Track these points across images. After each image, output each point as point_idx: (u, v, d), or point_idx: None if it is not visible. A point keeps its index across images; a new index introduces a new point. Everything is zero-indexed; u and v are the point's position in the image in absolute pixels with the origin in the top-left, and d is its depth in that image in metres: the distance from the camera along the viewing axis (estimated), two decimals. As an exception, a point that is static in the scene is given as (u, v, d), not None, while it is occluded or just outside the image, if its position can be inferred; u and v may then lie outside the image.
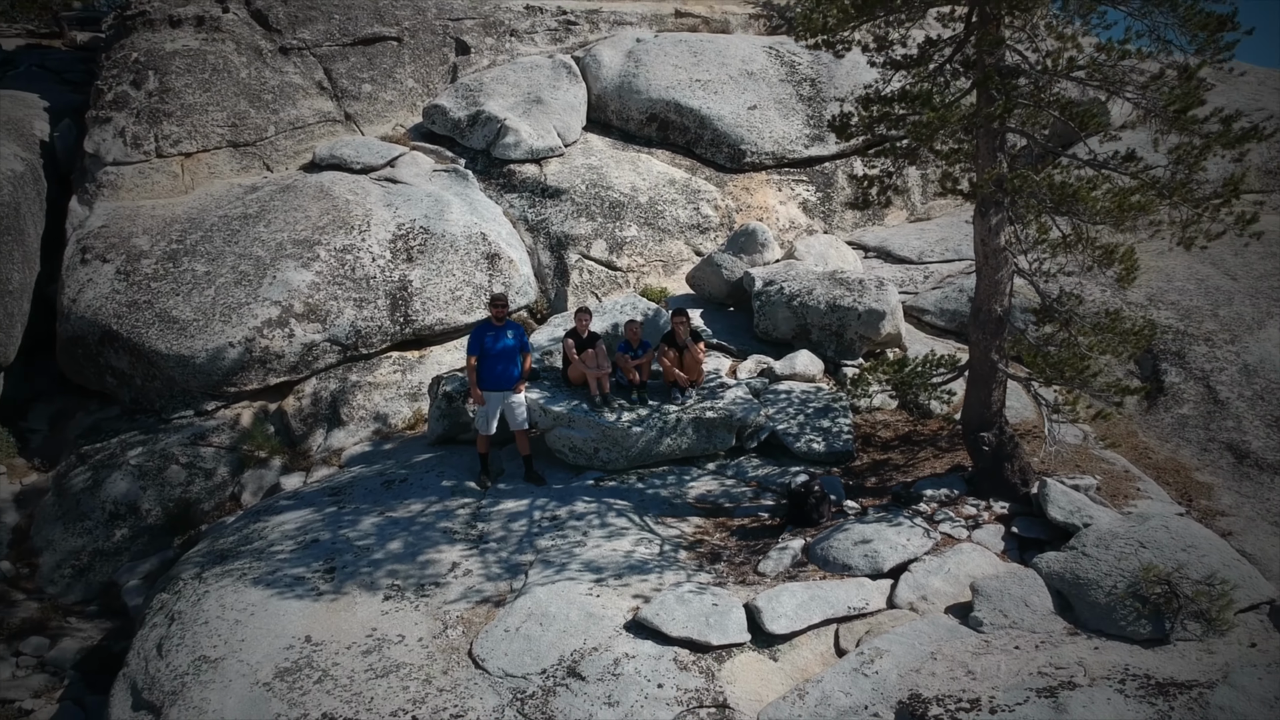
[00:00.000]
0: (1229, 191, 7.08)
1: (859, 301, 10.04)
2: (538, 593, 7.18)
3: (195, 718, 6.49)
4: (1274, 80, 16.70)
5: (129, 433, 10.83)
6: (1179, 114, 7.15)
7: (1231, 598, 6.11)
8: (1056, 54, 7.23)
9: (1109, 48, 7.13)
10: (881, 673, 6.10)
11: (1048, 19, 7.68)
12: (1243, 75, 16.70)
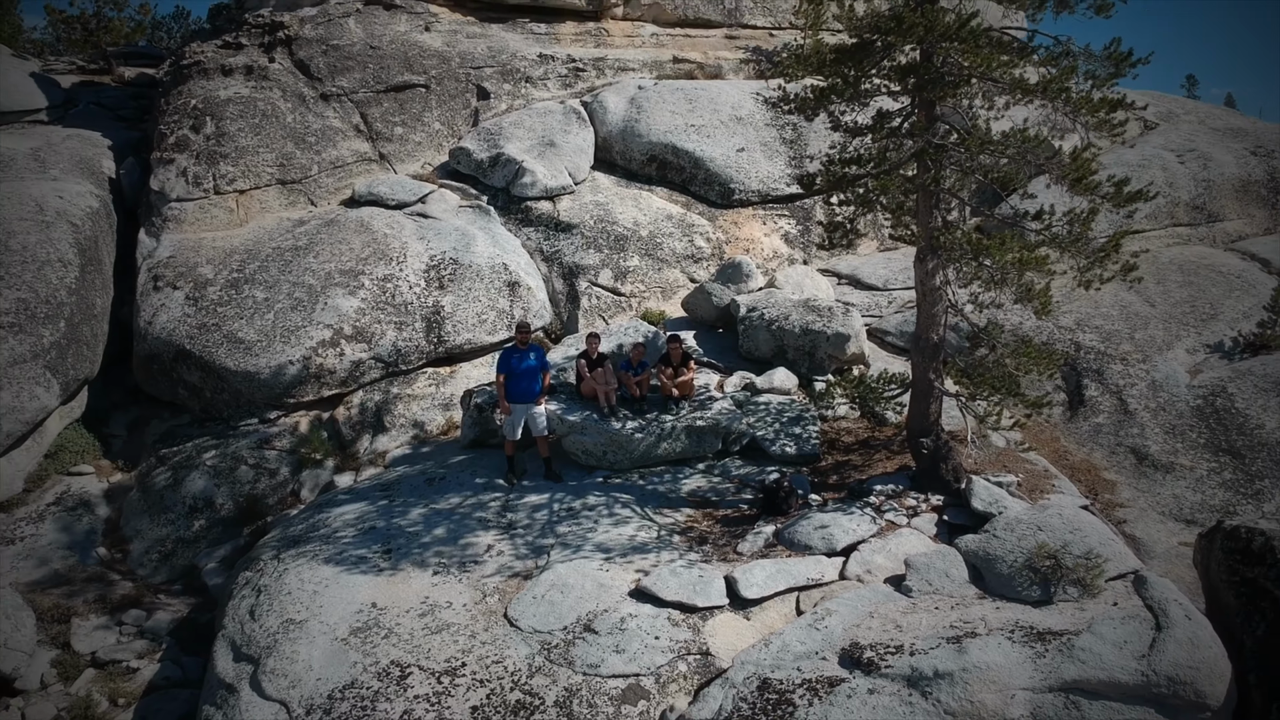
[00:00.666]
0: (1111, 246, 8.67)
1: (828, 326, 11.66)
2: (558, 568, 8.80)
3: (288, 666, 8.09)
4: (1213, 119, 18.29)
5: (202, 438, 12.46)
6: (1076, 181, 8.77)
7: (1102, 569, 7.72)
8: (975, 135, 8.82)
9: (1016, 132, 8.73)
10: (830, 627, 7.71)
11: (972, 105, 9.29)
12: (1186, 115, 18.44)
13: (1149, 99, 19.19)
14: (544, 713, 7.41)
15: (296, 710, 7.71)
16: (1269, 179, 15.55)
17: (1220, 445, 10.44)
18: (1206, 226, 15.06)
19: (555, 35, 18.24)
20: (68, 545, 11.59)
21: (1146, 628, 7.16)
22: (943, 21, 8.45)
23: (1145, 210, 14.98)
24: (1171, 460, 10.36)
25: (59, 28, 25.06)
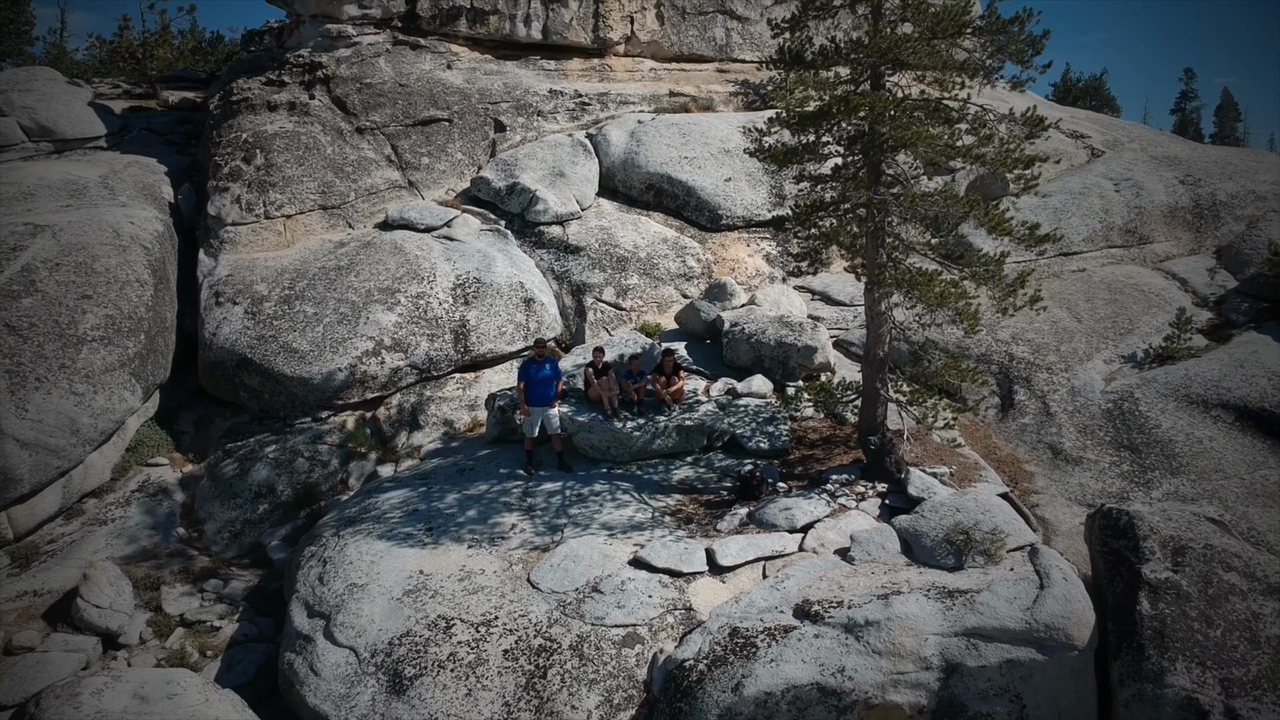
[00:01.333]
0: (1017, 283, 10.49)
1: (798, 339, 13.50)
2: (571, 542, 10.65)
3: (355, 620, 9.96)
4: (1155, 146, 20.08)
5: (262, 434, 14.31)
6: (994, 228, 10.60)
7: (1004, 542, 9.57)
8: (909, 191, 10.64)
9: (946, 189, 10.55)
10: (787, 588, 9.57)
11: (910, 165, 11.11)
12: (1130, 143, 20.24)
13: (1098, 128, 21.07)
14: (560, 654, 9.28)
15: (363, 654, 9.59)
16: (1194, 205, 17.36)
17: (1122, 442, 12.27)
18: (1138, 248, 16.88)
19: (564, 71, 20.08)
20: (151, 526, 13.47)
21: (1032, 587, 9.02)
22: (882, 101, 10.27)
23: (1084, 234, 16.91)
24: (1081, 455, 12.19)
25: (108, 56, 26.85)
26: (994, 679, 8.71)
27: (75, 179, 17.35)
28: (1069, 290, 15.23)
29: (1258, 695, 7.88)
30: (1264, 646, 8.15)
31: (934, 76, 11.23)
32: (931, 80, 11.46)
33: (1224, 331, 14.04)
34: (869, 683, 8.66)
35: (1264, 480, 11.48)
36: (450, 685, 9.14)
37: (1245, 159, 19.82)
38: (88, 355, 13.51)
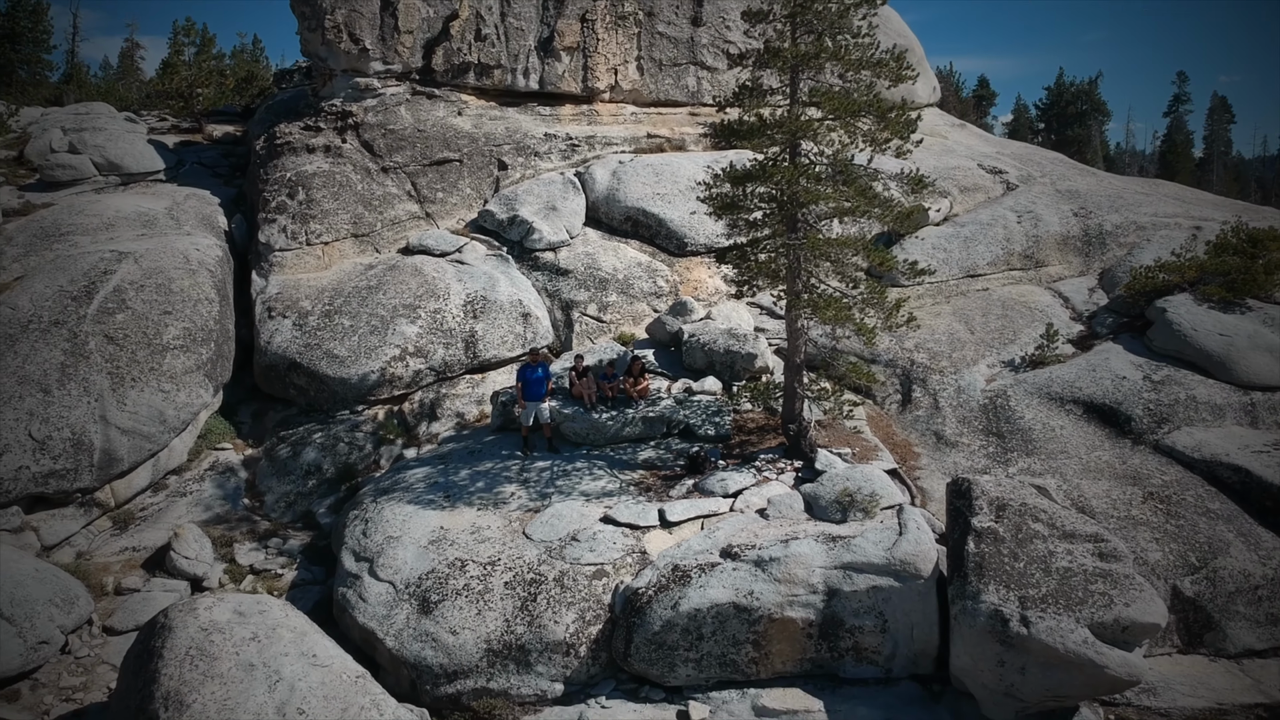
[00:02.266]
0: (895, 307, 13.42)
1: (742, 348, 16.44)
2: (556, 505, 13.60)
3: (391, 562, 12.92)
4: (1063, 180, 22.94)
5: (309, 424, 17.28)
6: (879, 265, 13.55)
7: (878, 502, 12.53)
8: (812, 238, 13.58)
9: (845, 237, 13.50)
10: (717, 536, 12.54)
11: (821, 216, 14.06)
12: (1041, 178, 23.16)
13: (1017, 164, 23.99)
14: (547, 585, 12.25)
15: (399, 586, 12.56)
16: (1083, 234, 20.27)
17: (992, 430, 15.18)
18: (1034, 270, 19.79)
19: (557, 116, 23.03)
20: (222, 497, 16.44)
21: (893, 534, 11.99)
22: (794, 169, 13.23)
23: (988, 258, 19.86)
24: (958, 440, 15.11)
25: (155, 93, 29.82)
26: (864, 600, 11.68)
27: (146, 211, 20.33)
28: (969, 306, 18.19)
29: (1043, 608, 10.81)
30: (1053, 575, 11.07)
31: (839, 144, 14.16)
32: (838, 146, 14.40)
33: (1088, 341, 16.98)
34: (771, 603, 11.63)
35: (1097, 459, 14.44)
36: (465, 607, 12.12)
37: (1140, 190, 22.76)
38: (171, 360, 16.48)
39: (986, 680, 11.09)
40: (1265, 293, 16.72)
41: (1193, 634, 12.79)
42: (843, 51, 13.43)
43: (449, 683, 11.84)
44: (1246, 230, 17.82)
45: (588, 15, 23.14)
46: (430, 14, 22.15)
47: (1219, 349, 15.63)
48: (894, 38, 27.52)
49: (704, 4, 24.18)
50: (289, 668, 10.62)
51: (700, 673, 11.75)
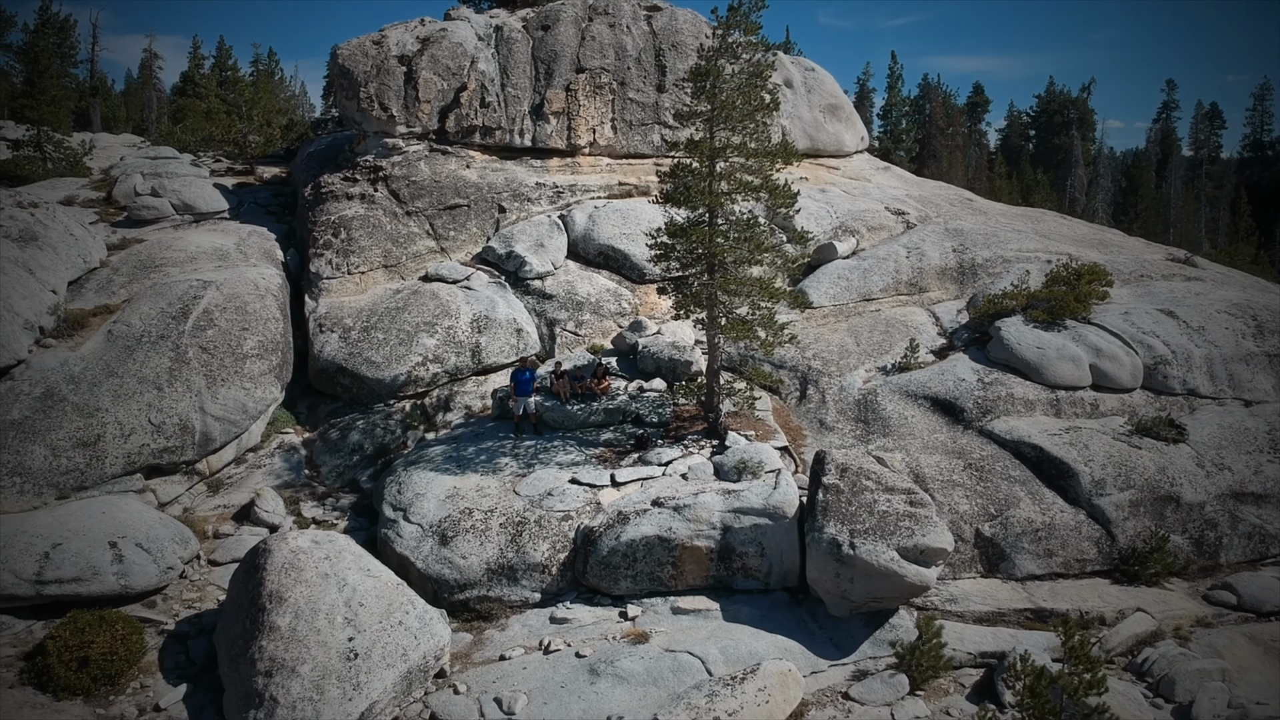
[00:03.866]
0: (780, 328, 17.95)
1: (681, 357, 20.98)
2: (538, 471, 18.16)
3: (419, 510, 17.49)
4: (954, 220, 27.49)
5: (352, 414, 21.83)
6: (769, 298, 18.08)
7: (764, 467, 17.09)
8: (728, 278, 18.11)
9: (754, 279, 18.04)
10: (650, 491, 17.12)
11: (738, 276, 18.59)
12: (936, 218, 27.51)
13: (918, 205, 28.52)
14: (529, 525, 16.81)
15: (425, 527, 17.12)
16: (959, 266, 24.81)
17: (860, 419, 19.70)
18: (918, 295, 24.32)
19: (546, 168, 27.60)
20: (288, 469, 21.01)
21: (770, 489, 16.56)
22: (711, 231, 17.78)
23: (881, 285, 24.39)
24: (836, 425, 19.64)
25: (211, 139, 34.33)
26: (748, 534, 16.25)
27: (219, 246, 24.89)
28: (861, 324, 22.74)
29: (866, 537, 15.30)
30: (874, 515, 15.60)
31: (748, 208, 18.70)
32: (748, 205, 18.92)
33: (946, 352, 21.51)
34: (684, 535, 16.20)
35: (935, 439, 18.98)
36: (471, 540, 16.71)
37: (1015, 228, 27.28)
38: (249, 365, 21.06)
39: (829, 588, 15.66)
40: (1078, 315, 21.25)
41: (990, 563, 17.34)
42: (745, 146, 17.97)
43: (460, 592, 16.43)
44: (1073, 266, 22.38)
45: (571, 86, 27.72)
46: (444, 86, 26.73)
47: (1035, 358, 20.20)
48: (826, 98, 32.17)
49: (666, 75, 28.75)
50: (351, 576, 15.17)
51: (635, 585, 16.34)
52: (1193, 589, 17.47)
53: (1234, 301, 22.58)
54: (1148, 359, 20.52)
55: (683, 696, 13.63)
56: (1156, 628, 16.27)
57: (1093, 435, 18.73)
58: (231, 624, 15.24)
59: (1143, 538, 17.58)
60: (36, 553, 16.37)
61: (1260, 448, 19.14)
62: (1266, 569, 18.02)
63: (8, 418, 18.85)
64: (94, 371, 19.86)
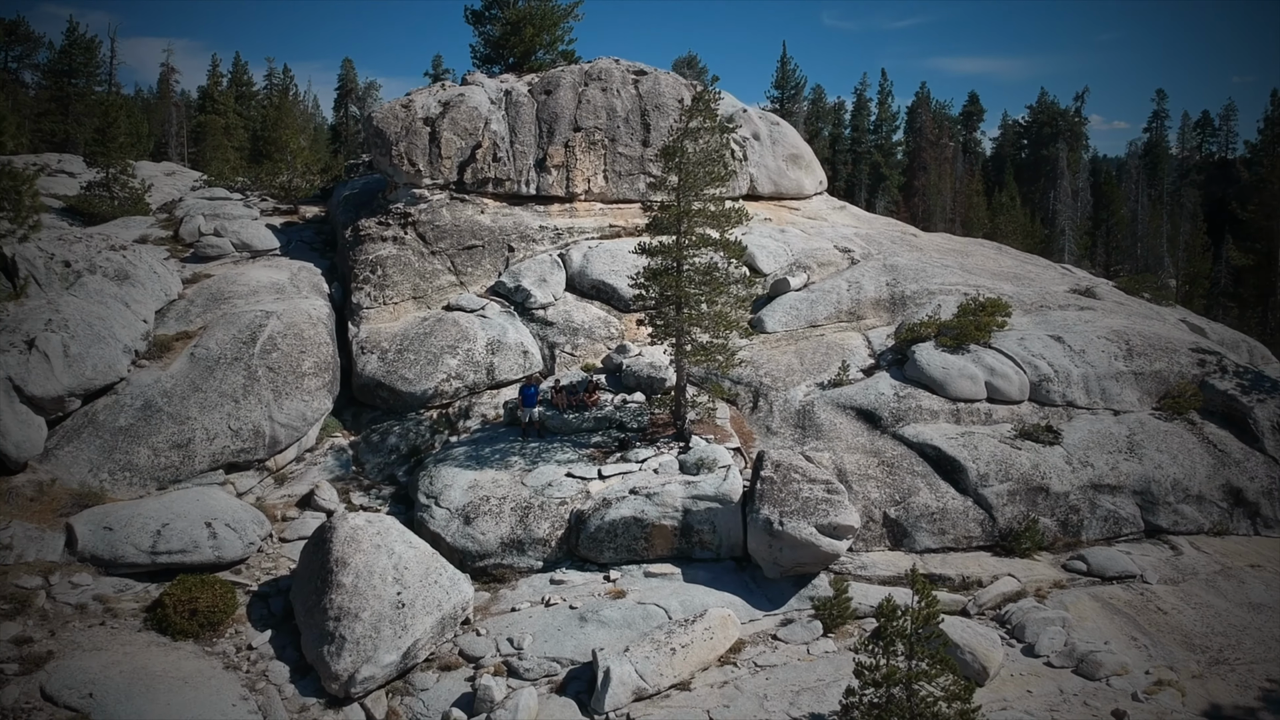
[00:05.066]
0: (731, 354, 22.05)
1: (657, 374, 25.07)
2: (541, 467, 22.26)
3: (448, 497, 21.59)
4: (891, 256, 31.58)
5: (390, 421, 25.90)
6: (725, 328, 22.18)
7: (718, 463, 21.16)
8: (692, 313, 22.19)
9: (715, 312, 22.15)
10: (628, 482, 21.20)
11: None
12: (877, 255, 31.82)
13: (862, 243, 32.61)
14: (534, 509, 20.92)
15: (452, 510, 21.22)
16: (891, 298, 28.88)
17: (799, 425, 23.73)
18: (856, 322, 28.37)
19: (548, 213, 31.72)
20: (339, 466, 25.10)
21: (721, 480, 20.66)
22: (680, 277, 21.90)
23: (825, 314, 28.46)
24: (779, 430, 23.68)
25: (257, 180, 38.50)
26: (704, 515, 20.35)
27: (275, 281, 29.02)
28: (806, 347, 26.82)
29: (791, 516, 19.36)
30: (799, 500, 19.65)
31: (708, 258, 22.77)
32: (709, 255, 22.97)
33: (873, 371, 25.57)
34: (654, 516, 20.31)
35: (857, 441, 23.04)
36: (489, 520, 20.82)
37: (943, 263, 31.36)
38: (307, 382, 25.19)
39: (764, 556, 19.75)
40: (979, 340, 25.33)
41: (895, 539, 21.41)
42: (705, 210, 22.08)
43: (480, 560, 20.54)
44: (980, 300, 26.48)
45: (570, 142, 31.87)
46: (462, 144, 30.89)
47: (940, 376, 24.30)
48: (789, 149, 36.31)
49: (650, 132, 32.89)
50: (397, 547, 19.26)
51: (616, 555, 20.43)
52: (1055, 560, 21.55)
53: (1113, 329, 26.67)
54: (1034, 377, 24.62)
55: (648, 634, 17.75)
56: (1021, 589, 20.35)
57: (982, 439, 22.83)
58: (304, 584, 19.33)
59: (1018, 520, 21.64)
60: (150, 531, 20.48)
61: (1120, 449, 23.21)
62: (1117, 545, 22.09)
63: (116, 424, 23.02)
64: (182, 387, 24.00)
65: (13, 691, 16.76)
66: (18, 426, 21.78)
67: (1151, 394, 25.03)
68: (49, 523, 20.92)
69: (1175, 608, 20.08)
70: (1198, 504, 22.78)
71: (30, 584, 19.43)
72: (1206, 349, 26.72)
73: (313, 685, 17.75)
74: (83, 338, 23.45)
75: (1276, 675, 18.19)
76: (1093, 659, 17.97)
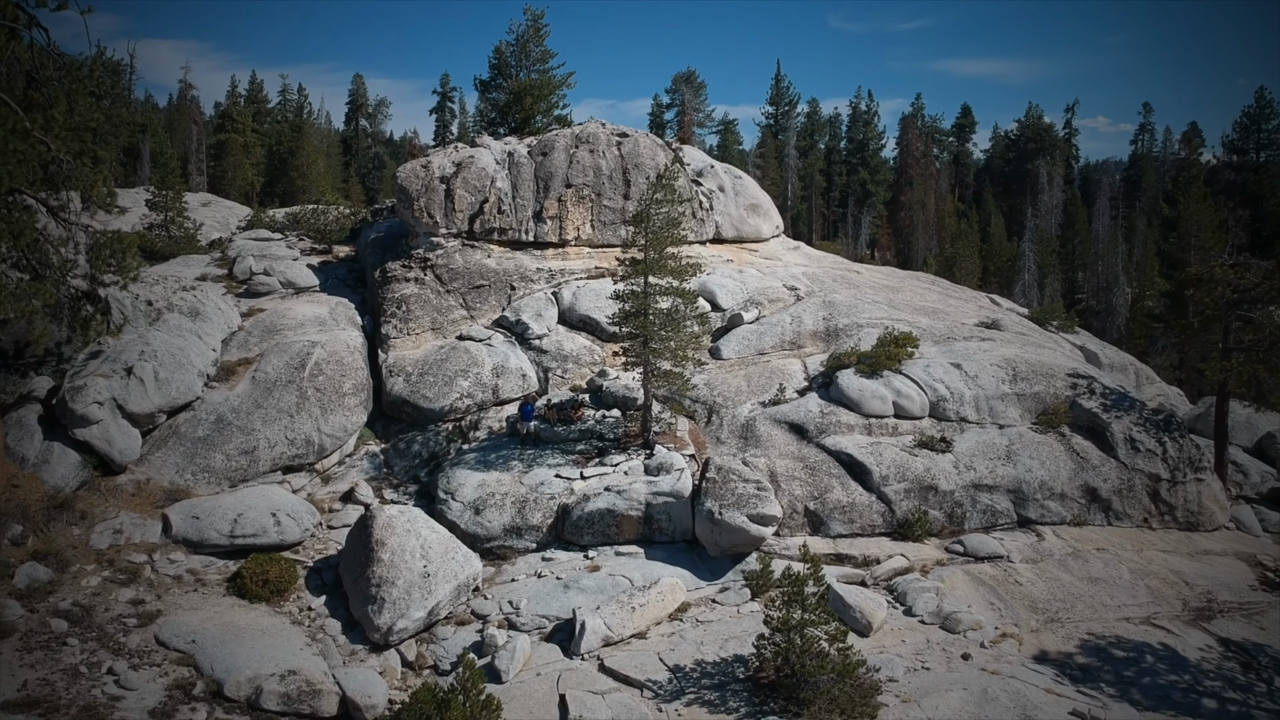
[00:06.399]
0: (685, 381, 26.84)
1: (631, 394, 29.82)
2: (535, 470, 27.00)
3: (461, 493, 26.35)
4: (831, 293, 36.37)
5: (413, 432, 30.63)
6: (680, 358, 26.98)
7: (674, 466, 25.92)
8: (658, 343, 26.99)
9: (664, 349, 26.96)
10: (604, 482, 25.92)
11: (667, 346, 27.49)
12: (820, 293, 36.75)
13: (807, 281, 37.45)
14: (529, 503, 25.69)
15: (465, 503, 25.99)
16: (827, 330, 33.64)
17: (743, 436, 28.45)
18: (797, 350, 33.10)
19: (544, 256, 36.52)
20: (373, 468, 29.80)
21: (676, 480, 25.44)
22: (645, 319, 26.67)
23: (771, 344, 33.26)
24: (727, 440, 28.39)
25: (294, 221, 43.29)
26: (662, 508, 25.12)
27: (318, 315, 33.80)
28: (753, 371, 31.58)
29: (728, 508, 24.09)
30: (735, 495, 24.44)
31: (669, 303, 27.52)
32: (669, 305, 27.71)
33: (806, 392, 30.32)
34: (622, 509, 25.10)
35: (788, 449, 27.76)
36: (494, 511, 25.60)
37: (874, 299, 36.14)
38: (347, 400, 29.97)
39: (708, 539, 24.51)
40: (891, 367, 30.10)
41: (815, 527, 26.16)
42: (668, 265, 26.88)
43: (487, 543, 25.31)
44: (894, 334, 31.29)
45: (562, 197, 36.70)
46: (472, 200, 35.72)
47: (856, 397, 29.07)
48: (750, 199, 41.15)
49: (630, 186, 37.72)
50: (423, 532, 24.00)
51: (594, 539, 25.19)
52: (940, 544, 26.32)
53: (1005, 357, 31.46)
54: (934, 397, 29.42)
55: (615, 597, 22.51)
56: (909, 566, 25.11)
57: (887, 448, 27.63)
58: (350, 560, 24.07)
59: (912, 512, 26.40)
60: (228, 519, 25.24)
61: (999, 456, 27.98)
62: (992, 533, 26.84)
63: (195, 435, 27.80)
64: (247, 404, 28.77)
65: (135, 638, 21.50)
66: (121, 437, 26.56)
67: (1031, 411, 29.80)
68: (148, 513, 25.70)
69: (1029, 581, 24.84)
70: (1061, 500, 27.54)
71: (138, 560, 24.19)
72: (1081, 374, 31.51)
73: (359, 636, 22.47)
74: (168, 365, 28.23)
75: (1096, 630, 22.95)
76: (955, 617, 22.71)
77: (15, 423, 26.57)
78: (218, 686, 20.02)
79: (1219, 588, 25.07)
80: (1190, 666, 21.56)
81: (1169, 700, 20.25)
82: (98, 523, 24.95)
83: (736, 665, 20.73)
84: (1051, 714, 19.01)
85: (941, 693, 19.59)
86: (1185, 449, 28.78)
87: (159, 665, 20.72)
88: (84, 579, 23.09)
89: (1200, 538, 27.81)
